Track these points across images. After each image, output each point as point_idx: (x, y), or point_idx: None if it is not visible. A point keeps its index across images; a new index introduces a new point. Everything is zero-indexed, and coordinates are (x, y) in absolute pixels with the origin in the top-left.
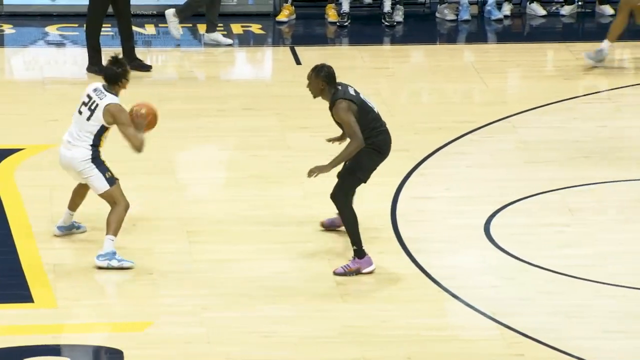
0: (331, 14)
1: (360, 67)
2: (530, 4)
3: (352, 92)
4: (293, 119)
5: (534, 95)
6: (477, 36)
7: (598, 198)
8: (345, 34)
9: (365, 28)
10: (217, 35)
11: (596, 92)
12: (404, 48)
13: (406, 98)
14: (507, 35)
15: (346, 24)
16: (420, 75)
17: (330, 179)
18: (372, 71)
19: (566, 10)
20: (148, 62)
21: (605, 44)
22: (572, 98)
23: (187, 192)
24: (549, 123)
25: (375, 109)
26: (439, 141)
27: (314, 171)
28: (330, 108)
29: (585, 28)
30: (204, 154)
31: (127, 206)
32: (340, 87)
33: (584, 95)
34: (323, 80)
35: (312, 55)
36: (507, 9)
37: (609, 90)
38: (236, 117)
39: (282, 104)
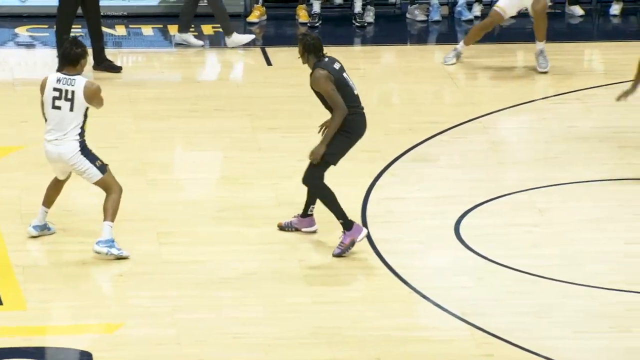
0: (302, 15)
1: None
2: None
3: (335, 66)
4: (264, 120)
5: (505, 96)
6: (447, 37)
7: (567, 198)
8: (315, 35)
9: (336, 29)
10: (189, 36)
11: (566, 93)
12: (375, 49)
13: (377, 99)
14: None
15: (317, 24)
16: (391, 76)
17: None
18: None
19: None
20: (118, 63)
21: (539, 45)
22: (542, 98)
23: (158, 193)
24: (520, 124)
25: (355, 91)
26: (410, 142)
27: (312, 156)
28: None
29: (555, 28)
30: (175, 155)
31: (120, 190)
32: (326, 59)
33: (555, 95)
34: (303, 48)
35: (283, 57)
36: (477, 9)
37: (578, 90)
38: (207, 118)
39: (253, 105)
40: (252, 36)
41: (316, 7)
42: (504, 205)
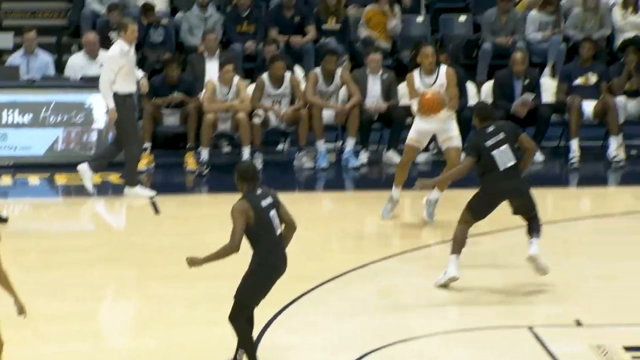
0: (190, 163)
1: (219, 214)
2: (386, 152)
3: (263, 203)
4: (153, 269)
5: (393, 242)
6: (335, 184)
7: (455, 347)
8: (204, 182)
9: (225, 176)
10: (90, 179)
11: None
12: None
13: None
14: (364, 182)
15: (205, 172)
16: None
17: (193, 328)
18: None
19: (421, 157)
20: (4, 214)
21: (436, 195)
22: (429, 245)
23: (46, 345)
24: (408, 270)
25: (278, 231)
26: (300, 289)
27: (189, 262)
28: None
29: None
30: (64, 306)
31: (2, 345)
32: (259, 191)
33: (442, 242)
34: (236, 175)
35: (171, 205)
36: (364, 156)
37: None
38: (95, 268)
39: (141, 253)
40: (153, 193)
41: (204, 155)
42: (394, 353)
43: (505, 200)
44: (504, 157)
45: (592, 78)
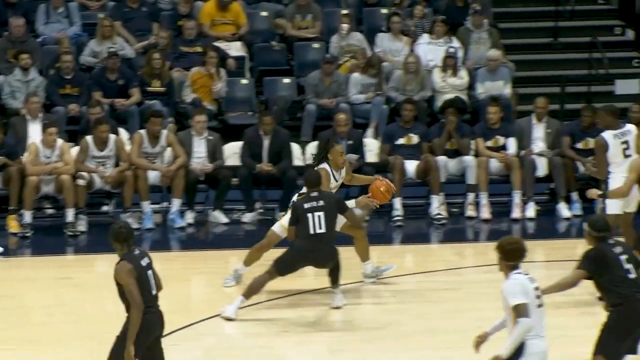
0: (12, 225)
1: (43, 277)
2: (212, 211)
3: (143, 262)
4: None
5: (218, 302)
6: (161, 244)
7: None
8: (27, 245)
9: (48, 238)
10: None
11: (280, 297)
12: (88, 257)
13: (92, 307)
14: (190, 242)
15: (28, 234)
16: (106, 284)
17: None
18: (56, 281)
19: (247, 217)
20: None
21: (242, 268)
22: (257, 303)
23: None
24: (234, 328)
25: (154, 291)
26: None
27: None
28: None
29: (263, 235)
30: None
31: None
32: (136, 252)
33: (267, 300)
34: (111, 236)
35: None
36: (190, 217)
37: (292, 295)
38: None
39: None
40: None
41: (27, 217)
42: None
43: (310, 265)
44: (316, 222)
45: (414, 138)
